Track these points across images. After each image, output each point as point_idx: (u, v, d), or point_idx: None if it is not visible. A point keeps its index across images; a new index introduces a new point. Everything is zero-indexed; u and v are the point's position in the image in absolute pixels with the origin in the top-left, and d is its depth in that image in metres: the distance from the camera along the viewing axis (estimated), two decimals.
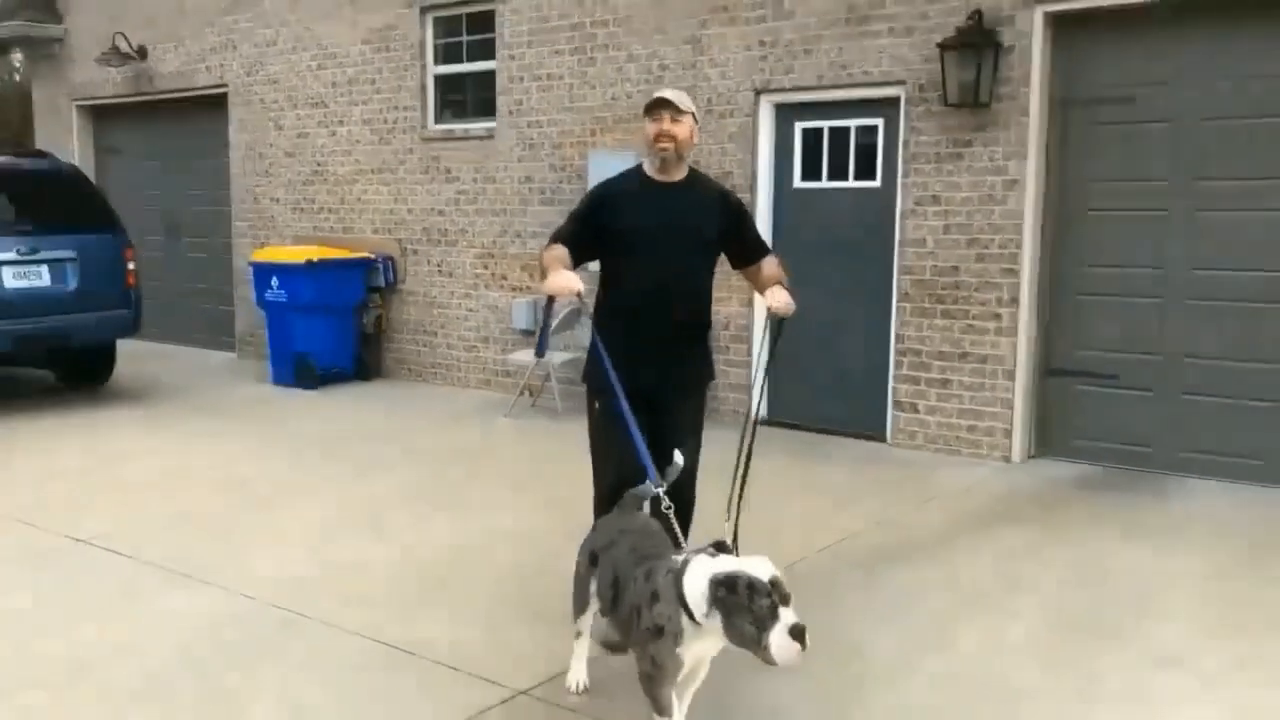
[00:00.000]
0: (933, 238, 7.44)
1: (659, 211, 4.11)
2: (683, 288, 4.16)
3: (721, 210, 4.26)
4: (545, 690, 3.80)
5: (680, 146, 4.11)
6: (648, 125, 4.14)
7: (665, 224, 4.09)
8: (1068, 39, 7.02)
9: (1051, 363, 7.27)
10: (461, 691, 3.81)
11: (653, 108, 4.14)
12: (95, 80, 13.00)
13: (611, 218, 4.14)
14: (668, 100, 4.11)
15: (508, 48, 9.40)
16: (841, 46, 7.66)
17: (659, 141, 4.10)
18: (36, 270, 8.75)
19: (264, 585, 4.84)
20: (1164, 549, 5.42)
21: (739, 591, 2.89)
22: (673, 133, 4.07)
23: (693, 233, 4.15)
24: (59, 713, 3.68)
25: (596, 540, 3.66)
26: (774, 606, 2.87)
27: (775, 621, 2.85)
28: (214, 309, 12.31)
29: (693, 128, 4.17)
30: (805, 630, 2.86)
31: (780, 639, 2.84)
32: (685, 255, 4.15)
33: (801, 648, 2.84)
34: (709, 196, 4.28)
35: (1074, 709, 3.74)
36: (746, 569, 2.94)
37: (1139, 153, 6.85)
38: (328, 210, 10.89)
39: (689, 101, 4.18)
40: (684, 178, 4.23)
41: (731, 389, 8.38)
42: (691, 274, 4.20)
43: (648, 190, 4.17)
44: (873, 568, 5.16)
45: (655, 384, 4.08)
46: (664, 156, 4.11)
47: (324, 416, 8.77)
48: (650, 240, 4.08)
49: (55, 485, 6.57)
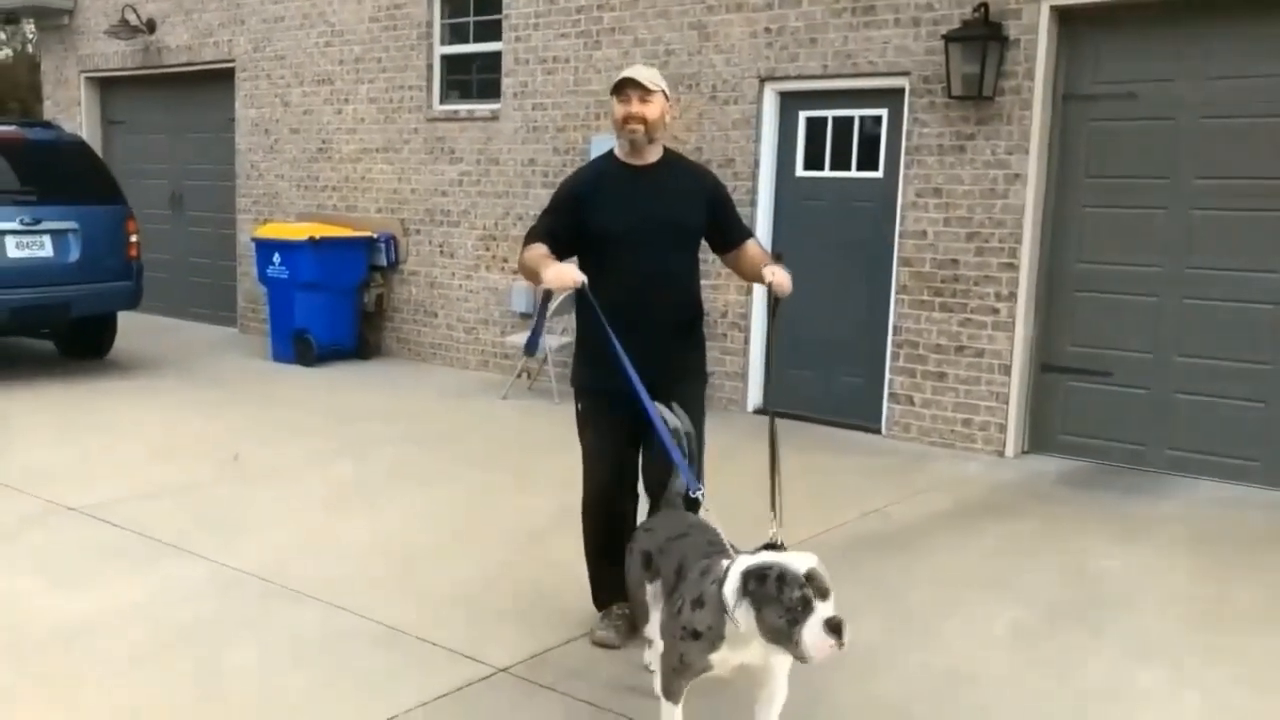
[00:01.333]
0: (933, 230, 7.44)
1: (638, 202, 3.93)
2: (669, 282, 3.98)
3: (702, 193, 4.08)
4: (526, 668, 3.82)
5: (651, 128, 3.91)
6: (615, 107, 3.95)
7: (646, 216, 3.91)
8: (1072, 34, 7.01)
9: (1047, 359, 7.27)
10: (444, 668, 3.84)
11: (619, 88, 3.93)
12: (103, 52, 13.01)
13: (589, 212, 3.94)
14: (635, 80, 3.90)
15: (514, 29, 9.40)
16: (847, 36, 7.65)
17: (627, 124, 3.90)
18: (39, 240, 8.77)
19: (250, 558, 4.88)
20: (1150, 547, 5.43)
21: (769, 583, 2.76)
22: (642, 114, 3.88)
23: (675, 223, 3.97)
24: (38, 679, 3.70)
25: (651, 541, 3.46)
26: (806, 599, 2.72)
27: (809, 615, 2.70)
28: (216, 284, 12.34)
29: (664, 107, 3.95)
30: (844, 625, 2.70)
31: (813, 633, 2.69)
32: (669, 247, 3.96)
33: (838, 643, 2.69)
34: (688, 179, 4.09)
35: (1053, 700, 3.76)
36: (782, 560, 2.80)
37: (1139, 150, 6.83)
38: (331, 188, 10.90)
39: (658, 79, 3.96)
40: (658, 160, 4.03)
41: (728, 377, 8.39)
42: (677, 266, 4.02)
43: (623, 178, 3.98)
44: (858, 558, 5.18)
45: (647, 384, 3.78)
46: (633, 139, 3.92)
47: (321, 394, 8.79)
48: (631, 234, 3.89)
49: (51, 454, 6.61)
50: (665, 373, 3.87)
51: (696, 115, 8.38)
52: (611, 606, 4.11)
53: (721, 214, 4.13)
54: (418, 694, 3.61)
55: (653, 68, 4.14)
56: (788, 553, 2.89)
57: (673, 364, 3.97)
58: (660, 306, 3.94)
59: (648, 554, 3.42)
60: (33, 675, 3.73)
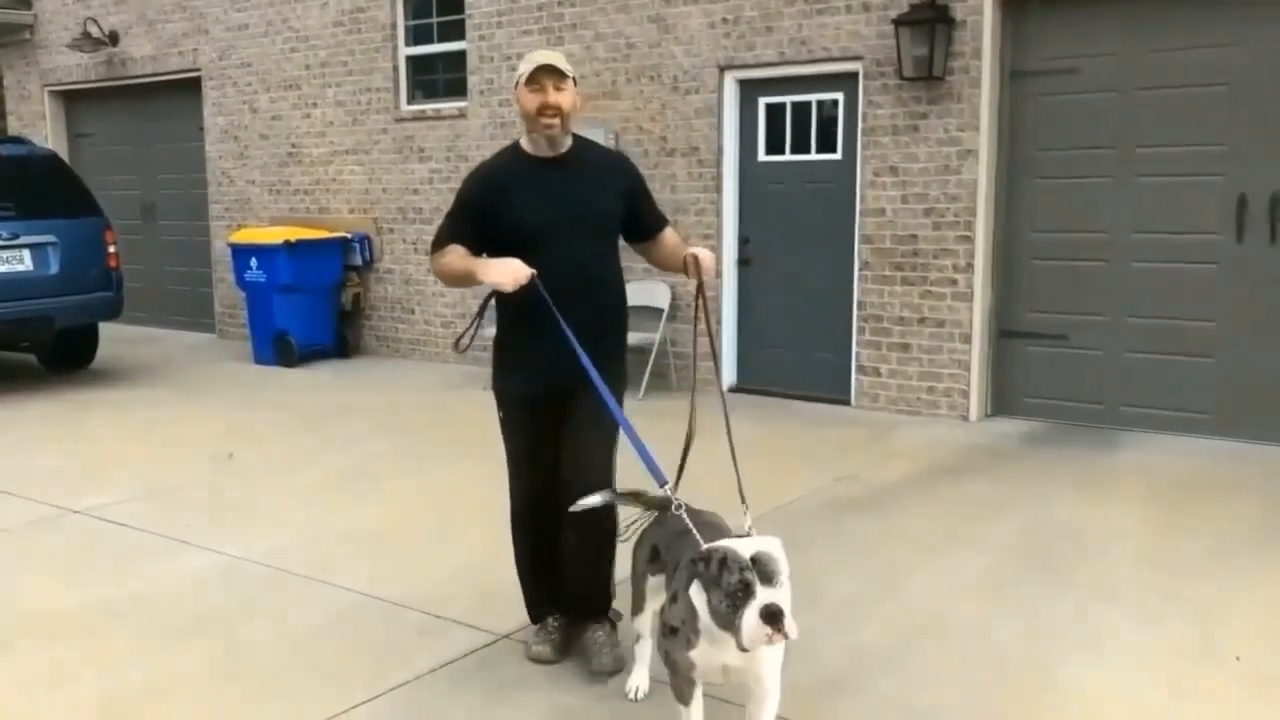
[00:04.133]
0: (891, 207, 7.73)
1: (553, 197, 3.62)
2: (592, 280, 3.66)
3: (620, 182, 3.76)
4: (527, 634, 4.07)
5: (566, 119, 3.60)
6: (526, 97, 3.58)
7: (563, 210, 3.61)
8: (1016, 13, 7.31)
9: (1006, 325, 7.59)
10: (452, 637, 4.09)
11: (534, 76, 3.56)
12: (66, 65, 13.09)
13: (498, 211, 3.62)
14: (552, 67, 3.57)
15: (477, 28, 9.61)
16: (801, 24, 7.92)
17: (543, 116, 3.56)
18: (18, 255, 8.91)
19: (254, 548, 5.11)
20: (1108, 498, 5.76)
21: (711, 566, 2.68)
22: (558, 104, 3.56)
23: (595, 216, 3.67)
24: (58, 666, 3.94)
25: (660, 535, 3.31)
26: (746, 584, 2.61)
27: (750, 600, 2.60)
28: (193, 291, 12.48)
29: (575, 96, 3.63)
30: (781, 613, 2.59)
31: (749, 620, 2.58)
32: (589, 244, 3.66)
33: (774, 631, 2.58)
34: (603, 168, 3.77)
35: (1017, 642, 4.05)
36: (729, 544, 2.71)
37: (1084, 122, 7.15)
38: (303, 191, 11.08)
39: (568, 65, 3.65)
40: (569, 149, 3.70)
41: (702, 357, 8.65)
42: (599, 262, 3.72)
43: (534, 172, 3.65)
44: (833, 519, 5.47)
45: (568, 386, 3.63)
46: (551, 135, 3.61)
47: (304, 392, 9.00)
48: (548, 230, 3.58)
49: (49, 461, 6.79)
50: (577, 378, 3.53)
51: (660, 106, 8.63)
52: (547, 619, 3.92)
53: (639, 203, 3.82)
54: (430, 659, 3.87)
55: (559, 54, 3.79)
56: (752, 538, 2.80)
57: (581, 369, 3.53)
58: (582, 307, 3.58)
59: (655, 548, 3.29)
60: (53, 662, 3.95)
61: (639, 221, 3.85)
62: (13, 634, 4.21)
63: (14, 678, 3.85)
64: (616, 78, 8.82)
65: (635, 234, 3.89)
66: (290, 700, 3.64)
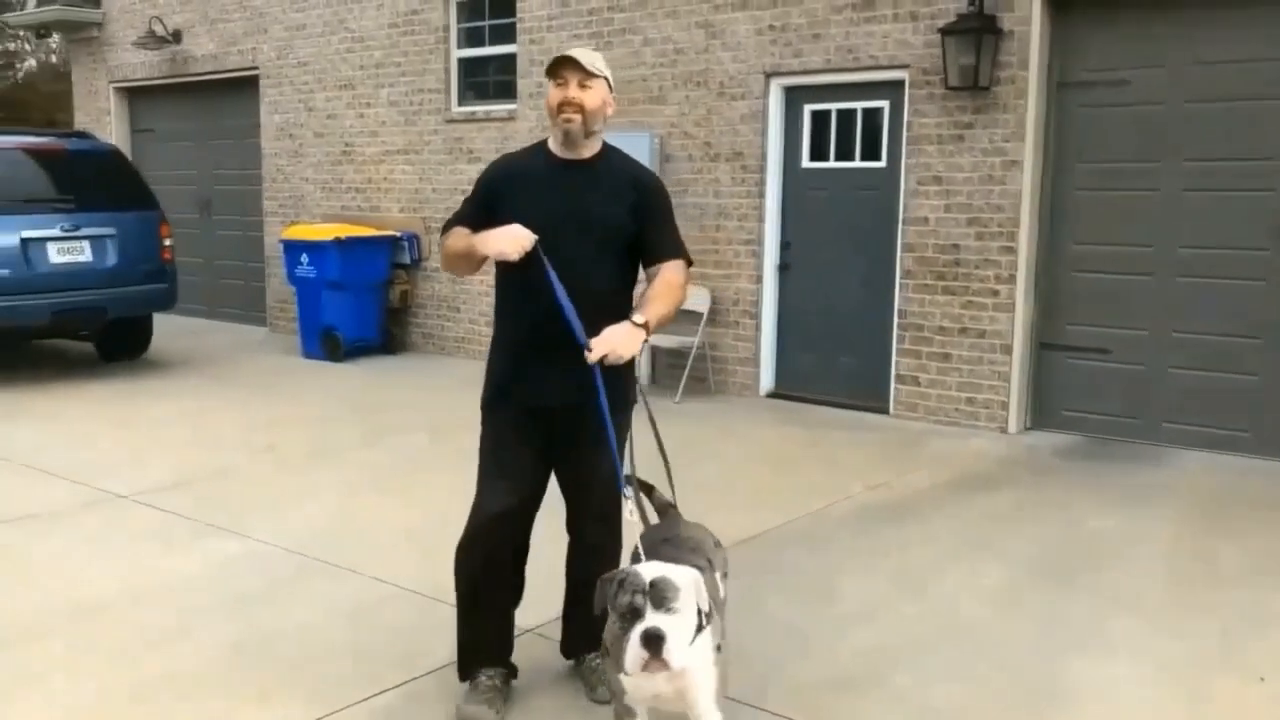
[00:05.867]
0: (934, 216, 7.72)
1: (560, 198, 3.40)
2: (590, 292, 3.35)
3: (632, 196, 3.47)
4: (551, 628, 4.13)
5: (589, 118, 3.37)
6: (550, 91, 3.41)
7: (567, 214, 3.38)
8: (1066, 24, 7.27)
9: (1046, 338, 7.54)
10: None
11: (555, 69, 3.40)
12: (131, 63, 13.43)
13: (505, 205, 3.43)
14: (573, 60, 3.37)
15: (528, 32, 9.72)
16: (848, 31, 7.94)
17: (562, 111, 3.37)
18: (78, 246, 9.16)
19: (289, 537, 5.24)
20: (1141, 512, 5.71)
21: (611, 587, 2.66)
22: (580, 101, 3.36)
23: (598, 224, 3.41)
24: (98, 643, 4.07)
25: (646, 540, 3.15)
26: (635, 608, 2.57)
27: (638, 623, 2.55)
28: (246, 285, 12.74)
29: (606, 96, 3.42)
30: (660, 639, 2.51)
31: (631, 643, 2.54)
32: (591, 252, 3.40)
33: (652, 657, 2.51)
34: (623, 179, 3.49)
35: (1034, 646, 4.06)
36: (638, 568, 2.68)
37: (1131, 134, 7.10)
38: (355, 190, 11.27)
39: (601, 64, 3.42)
40: (593, 155, 3.48)
41: (740, 363, 8.71)
42: (599, 275, 3.42)
43: (549, 172, 3.47)
44: (861, 525, 5.49)
45: (559, 405, 3.42)
46: (568, 129, 3.38)
47: (349, 387, 9.16)
48: (549, 234, 3.33)
49: (98, 448, 6.99)
50: (573, 399, 3.37)
51: (705, 111, 8.68)
52: (479, 675, 3.56)
53: (647, 223, 3.49)
54: (450, 652, 3.94)
55: (597, 52, 3.58)
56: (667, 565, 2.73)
57: (583, 390, 3.27)
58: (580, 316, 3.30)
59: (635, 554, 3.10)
60: (93, 640, 4.09)
61: (643, 244, 3.50)
62: (56, 615, 4.36)
63: (53, 658, 3.99)
64: (663, 83, 8.89)
65: (640, 257, 3.55)
66: (318, 684, 3.74)
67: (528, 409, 3.46)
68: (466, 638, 3.61)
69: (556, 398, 3.42)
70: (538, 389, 3.44)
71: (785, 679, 3.77)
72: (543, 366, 3.41)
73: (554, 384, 3.40)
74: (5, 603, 4.44)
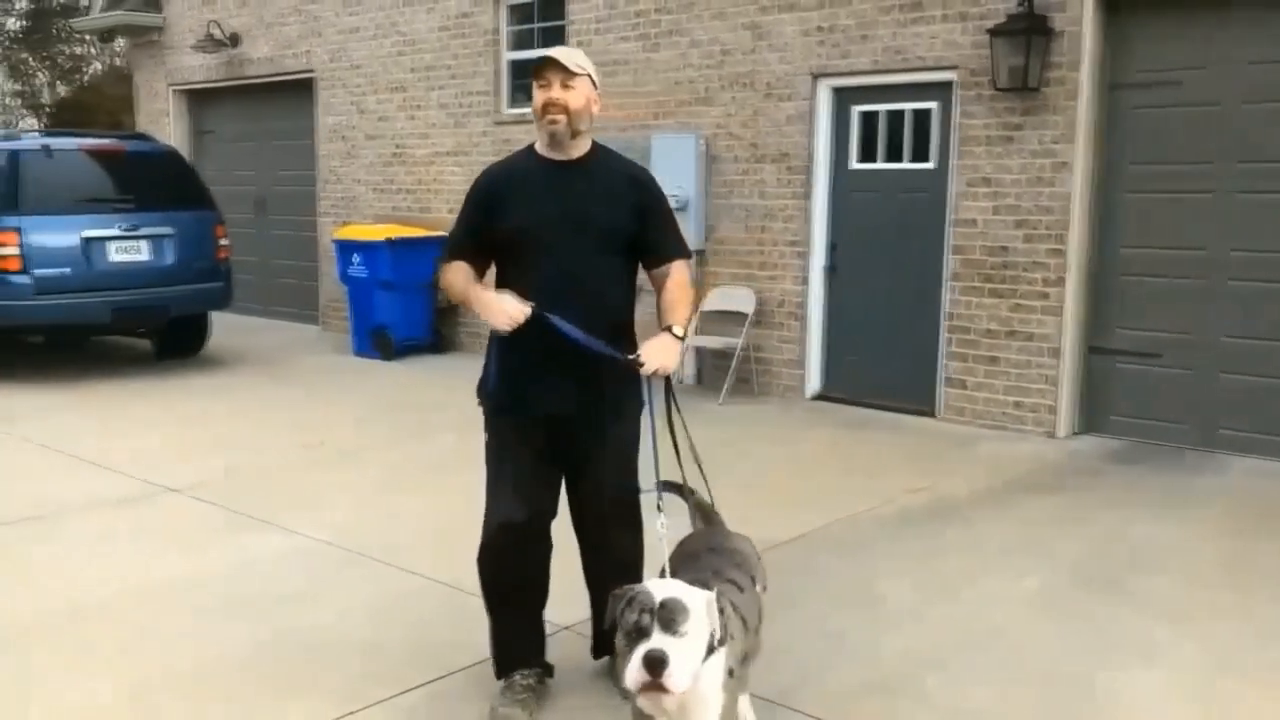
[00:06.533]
0: (983, 218, 7.65)
1: (553, 200, 3.37)
2: (588, 295, 3.35)
3: (630, 194, 3.45)
4: (584, 626, 4.17)
5: (574, 118, 3.35)
6: (534, 92, 3.38)
7: (563, 215, 3.36)
8: (1118, 24, 7.18)
9: (1096, 341, 7.45)
10: None
11: (539, 70, 3.36)
12: (191, 66, 13.70)
13: (498, 213, 3.42)
14: (555, 60, 3.33)
15: (577, 34, 9.78)
16: (896, 32, 7.90)
17: (547, 113, 3.33)
18: (137, 245, 9.37)
19: (331, 530, 5.34)
20: (1187, 518, 5.63)
21: (620, 605, 2.64)
22: (564, 101, 3.32)
23: (593, 225, 3.38)
24: (144, 629, 4.17)
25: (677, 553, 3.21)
26: (641, 627, 2.54)
27: (643, 643, 2.52)
28: (299, 284, 12.94)
29: (590, 95, 3.39)
30: (663, 662, 2.47)
31: (632, 663, 2.51)
32: (587, 254, 3.37)
33: (652, 678, 2.47)
34: (617, 178, 3.47)
35: (1071, 653, 4.02)
36: (650, 587, 2.65)
37: (1184, 136, 6.99)
38: (406, 191, 11.40)
39: (584, 61, 3.39)
40: (583, 155, 3.45)
41: (786, 365, 8.69)
42: (598, 276, 3.40)
43: (542, 174, 3.42)
44: (902, 529, 5.46)
45: (561, 413, 3.40)
46: (553, 132, 3.35)
47: (397, 384, 9.28)
48: (542, 236, 3.34)
49: (152, 442, 7.15)
50: (584, 407, 3.40)
51: (752, 113, 8.68)
52: (514, 675, 3.58)
53: (650, 222, 3.48)
54: (484, 648, 3.99)
55: (578, 49, 3.56)
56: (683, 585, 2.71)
57: (590, 396, 3.38)
58: (574, 320, 3.30)
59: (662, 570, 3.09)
60: (139, 626, 4.20)
61: (645, 244, 3.50)
62: (103, 600, 4.48)
63: (95, 642, 4.10)
64: (710, 84, 8.90)
65: (642, 259, 3.55)
66: (356, 674, 3.81)
67: (531, 417, 3.41)
68: (497, 640, 3.65)
69: (559, 405, 3.40)
70: (540, 397, 3.40)
71: (819, 681, 3.77)
72: (544, 374, 3.37)
73: (556, 392, 3.37)
74: (63, 587, 4.59)
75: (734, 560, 3.09)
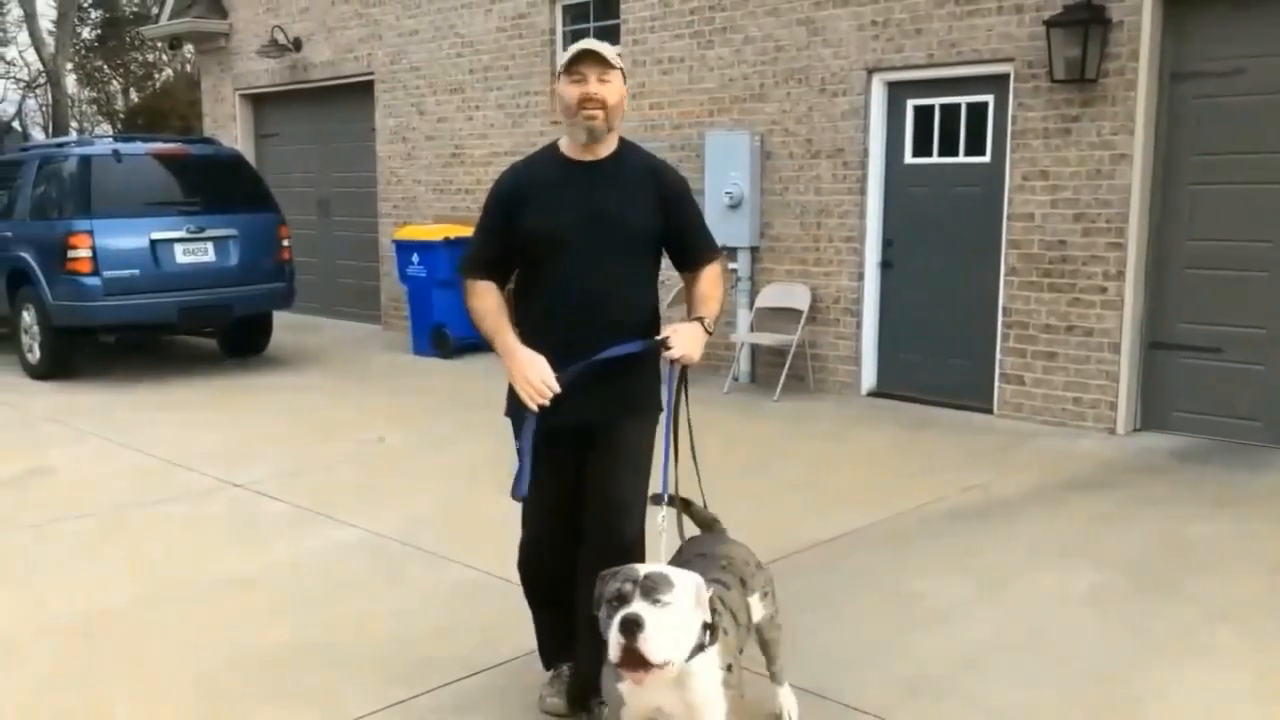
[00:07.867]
0: (1040, 212, 7.56)
1: (579, 202, 3.23)
2: (615, 298, 3.25)
3: (653, 192, 3.30)
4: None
5: (611, 114, 3.19)
6: (567, 88, 3.19)
7: (589, 216, 3.22)
8: (1179, 13, 7.04)
9: (1157, 336, 7.32)
10: None
11: (574, 63, 3.18)
12: (255, 70, 13.98)
13: (521, 215, 3.26)
14: (593, 52, 3.17)
15: (631, 33, 9.82)
16: (951, 25, 7.83)
17: (584, 108, 3.16)
18: (203, 247, 9.60)
19: (392, 525, 5.44)
20: (1247, 517, 5.52)
21: (604, 580, 2.64)
22: (601, 96, 3.16)
23: (622, 225, 3.24)
24: (215, 620, 4.30)
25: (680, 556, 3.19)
26: (622, 595, 2.53)
27: (622, 608, 2.50)
28: (360, 283, 13.15)
29: (623, 90, 3.24)
30: (638, 625, 2.45)
31: (612, 630, 2.49)
32: (615, 256, 3.24)
33: (628, 640, 2.44)
34: (642, 174, 3.31)
35: (1122, 653, 3.97)
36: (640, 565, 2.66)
37: (1248, 126, 6.84)
38: (465, 191, 11.53)
39: (615, 54, 3.24)
40: (611, 153, 3.30)
41: (841, 361, 8.66)
42: (624, 278, 3.28)
43: (566, 175, 3.27)
44: (950, 526, 5.42)
45: (586, 418, 3.29)
46: (591, 127, 3.18)
47: (456, 382, 9.39)
48: (567, 237, 3.21)
49: (219, 439, 7.33)
50: (605, 407, 3.29)
51: (806, 108, 8.66)
52: (561, 666, 3.61)
53: (678, 218, 3.35)
54: (531, 641, 4.05)
55: (604, 42, 3.33)
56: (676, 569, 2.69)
57: (611, 396, 3.28)
58: (600, 326, 3.22)
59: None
60: (209, 616, 4.32)
61: (677, 242, 3.37)
62: (178, 591, 4.63)
63: (165, 628, 4.23)
64: (764, 80, 8.89)
65: (674, 258, 3.42)
66: (413, 663, 3.90)
67: (553, 428, 3.25)
68: (543, 636, 3.70)
69: (580, 415, 3.27)
70: (561, 407, 3.21)
71: (861, 677, 3.77)
72: (568, 386, 3.19)
73: (579, 401, 3.22)
74: (137, 578, 4.74)
75: (720, 564, 3.07)
